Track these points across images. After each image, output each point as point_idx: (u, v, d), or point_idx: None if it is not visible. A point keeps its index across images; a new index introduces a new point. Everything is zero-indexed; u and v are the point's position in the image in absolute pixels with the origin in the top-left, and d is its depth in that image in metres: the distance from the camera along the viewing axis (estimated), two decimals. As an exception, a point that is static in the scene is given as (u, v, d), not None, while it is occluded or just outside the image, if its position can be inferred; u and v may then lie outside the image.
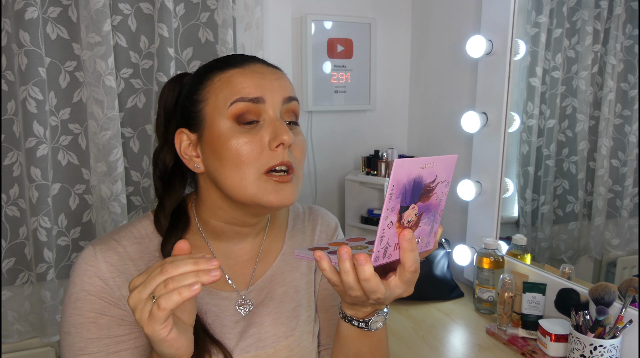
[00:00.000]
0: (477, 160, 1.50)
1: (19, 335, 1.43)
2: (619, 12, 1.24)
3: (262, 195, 0.71)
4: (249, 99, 0.71)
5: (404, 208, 0.56)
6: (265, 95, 0.72)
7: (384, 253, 0.57)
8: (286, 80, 0.77)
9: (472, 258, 1.50)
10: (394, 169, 0.52)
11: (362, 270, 0.57)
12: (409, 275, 0.60)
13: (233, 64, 0.75)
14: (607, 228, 1.31)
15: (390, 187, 0.53)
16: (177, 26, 1.47)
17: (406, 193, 0.55)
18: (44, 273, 1.37)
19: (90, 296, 0.72)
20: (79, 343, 0.71)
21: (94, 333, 0.71)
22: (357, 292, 0.60)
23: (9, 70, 1.31)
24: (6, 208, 1.37)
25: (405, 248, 0.58)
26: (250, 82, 0.72)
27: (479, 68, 1.47)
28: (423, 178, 0.56)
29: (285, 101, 0.74)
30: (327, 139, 1.82)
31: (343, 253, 0.58)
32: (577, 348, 1.05)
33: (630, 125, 1.24)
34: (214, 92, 0.73)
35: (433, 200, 0.59)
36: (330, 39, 1.73)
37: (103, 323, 0.72)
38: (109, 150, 1.39)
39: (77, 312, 0.72)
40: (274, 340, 0.81)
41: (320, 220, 0.93)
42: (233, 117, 0.71)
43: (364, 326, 0.72)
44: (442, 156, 0.57)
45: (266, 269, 0.84)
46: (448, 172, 0.59)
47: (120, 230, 0.79)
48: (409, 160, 0.53)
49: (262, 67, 0.75)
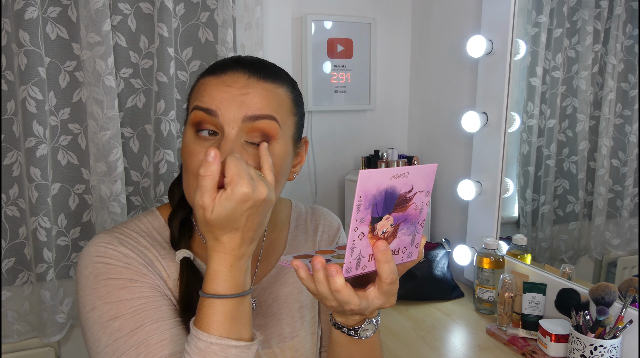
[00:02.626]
0: (477, 160, 1.50)
1: (18, 335, 1.43)
2: (619, 12, 1.24)
3: None
4: (203, 108, 0.69)
5: (376, 219, 0.56)
6: (219, 110, 0.68)
7: (356, 265, 0.57)
8: (257, 97, 0.69)
9: (472, 259, 1.50)
10: (359, 181, 0.52)
11: (332, 281, 0.57)
12: (386, 287, 0.59)
13: (215, 70, 0.73)
14: (607, 228, 1.31)
15: (357, 198, 0.53)
16: (177, 26, 1.47)
17: (377, 204, 0.55)
18: (44, 273, 1.37)
19: (116, 267, 0.70)
20: (109, 311, 0.67)
21: (125, 297, 0.68)
22: (332, 302, 0.60)
23: (9, 70, 1.31)
24: (6, 208, 1.37)
25: (380, 259, 0.57)
26: (212, 93, 0.69)
27: (479, 68, 1.47)
28: (396, 188, 0.55)
29: (246, 119, 0.68)
30: (327, 139, 1.82)
31: (316, 264, 0.57)
32: (577, 349, 1.05)
33: (630, 125, 1.23)
34: (192, 96, 0.73)
35: (411, 210, 0.58)
36: (330, 38, 1.73)
37: (134, 287, 0.69)
38: (109, 150, 1.39)
39: (101, 284, 0.69)
40: (279, 340, 0.81)
41: (322, 221, 0.93)
42: (192, 124, 0.70)
43: (354, 334, 0.71)
44: (418, 165, 0.56)
45: (269, 269, 0.84)
46: (427, 181, 0.58)
47: (126, 224, 0.78)
48: (376, 171, 0.53)
49: (239, 79, 0.70)
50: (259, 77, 0.71)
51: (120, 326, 0.66)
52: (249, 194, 0.59)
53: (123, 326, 0.66)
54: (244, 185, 0.59)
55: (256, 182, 0.61)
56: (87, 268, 0.71)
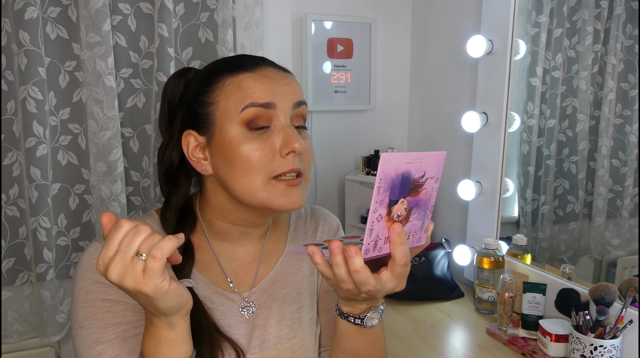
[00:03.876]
0: (477, 160, 1.50)
1: (18, 335, 1.43)
2: (619, 12, 1.24)
3: (272, 200, 0.72)
4: (260, 104, 0.71)
5: (392, 202, 0.57)
6: (276, 101, 0.72)
7: (374, 246, 0.58)
8: (296, 84, 0.76)
9: (472, 259, 1.50)
10: (381, 163, 0.53)
11: (352, 262, 0.58)
12: (399, 269, 0.61)
13: (244, 67, 0.74)
14: (607, 229, 1.31)
15: (378, 181, 0.54)
16: (177, 26, 1.47)
17: (394, 187, 0.56)
18: (44, 274, 1.37)
19: (103, 287, 0.72)
20: (94, 334, 0.70)
21: (109, 321, 0.71)
22: (348, 285, 0.61)
23: (9, 70, 1.31)
24: (6, 208, 1.37)
25: (395, 241, 0.59)
26: (262, 87, 0.72)
27: (479, 68, 1.47)
28: (411, 173, 0.56)
29: (295, 106, 0.74)
30: (327, 139, 1.82)
31: (334, 248, 0.59)
32: (577, 349, 1.05)
33: (630, 125, 1.23)
34: (225, 95, 0.73)
35: (422, 195, 0.60)
36: (330, 38, 1.73)
37: (118, 311, 0.71)
38: (109, 150, 1.39)
39: (89, 303, 0.71)
40: (277, 341, 0.81)
41: (322, 221, 0.93)
42: (244, 123, 0.71)
43: (360, 322, 0.72)
44: (430, 152, 0.58)
45: (269, 271, 0.84)
46: (437, 168, 0.59)
47: None
48: (396, 155, 0.54)
49: (273, 71, 0.75)
50: (283, 69, 0.77)
51: (102, 351, 0.70)
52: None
53: (104, 352, 0.70)
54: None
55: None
56: (79, 282, 0.73)
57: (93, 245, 0.75)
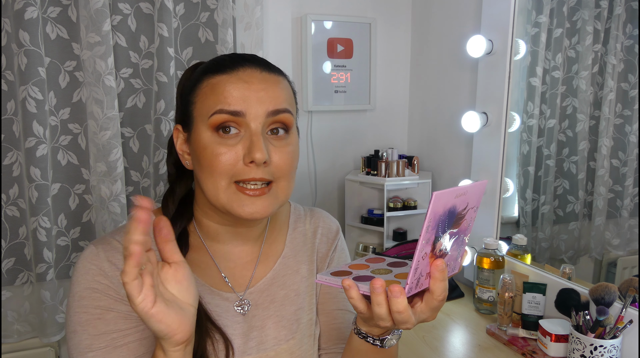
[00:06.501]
0: (477, 160, 1.50)
1: (18, 335, 1.43)
2: (619, 12, 1.23)
3: (232, 206, 0.72)
4: (229, 111, 0.70)
5: (437, 239, 0.56)
6: (246, 109, 0.70)
7: (416, 284, 0.57)
8: (276, 89, 0.72)
9: (472, 258, 1.50)
10: (433, 202, 0.52)
11: (396, 303, 0.57)
12: (436, 303, 0.60)
13: (222, 69, 0.73)
14: (607, 228, 1.31)
15: (428, 220, 0.53)
16: (177, 26, 1.47)
17: (441, 224, 0.55)
18: (44, 274, 1.37)
19: (95, 293, 0.72)
20: (86, 340, 0.71)
21: (101, 329, 0.71)
22: (387, 323, 0.60)
23: (9, 70, 1.31)
24: (6, 208, 1.37)
25: (437, 277, 0.58)
26: (235, 93, 0.70)
27: (479, 68, 1.47)
28: (457, 206, 0.56)
29: (269, 114, 0.71)
30: (327, 139, 1.82)
31: (377, 287, 0.57)
32: (577, 349, 1.05)
33: (630, 125, 1.23)
34: (202, 96, 0.73)
35: (463, 225, 0.59)
36: (330, 38, 1.73)
37: (109, 318, 0.72)
38: (109, 150, 1.39)
39: (82, 309, 0.72)
40: (275, 343, 0.81)
41: (321, 224, 0.92)
42: (213, 127, 0.71)
43: (380, 344, 0.71)
44: (474, 183, 0.57)
45: (267, 272, 0.84)
46: (478, 197, 0.59)
47: (122, 230, 0.78)
48: (447, 192, 0.53)
49: (253, 74, 0.72)
50: (269, 71, 0.74)
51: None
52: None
53: None
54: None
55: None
56: (74, 287, 0.74)
57: (89, 248, 0.75)
